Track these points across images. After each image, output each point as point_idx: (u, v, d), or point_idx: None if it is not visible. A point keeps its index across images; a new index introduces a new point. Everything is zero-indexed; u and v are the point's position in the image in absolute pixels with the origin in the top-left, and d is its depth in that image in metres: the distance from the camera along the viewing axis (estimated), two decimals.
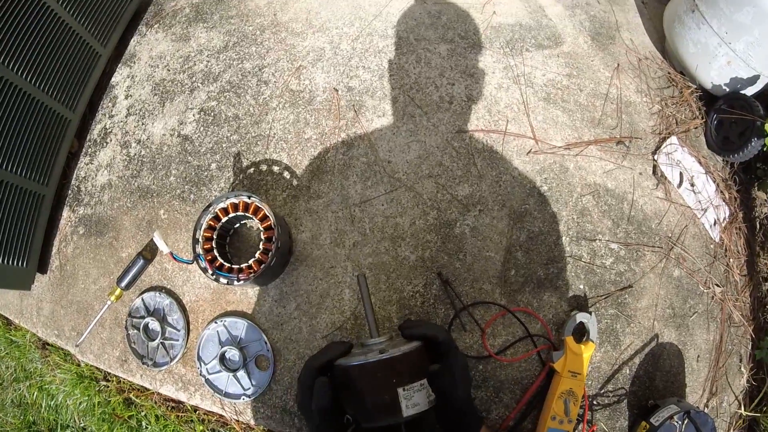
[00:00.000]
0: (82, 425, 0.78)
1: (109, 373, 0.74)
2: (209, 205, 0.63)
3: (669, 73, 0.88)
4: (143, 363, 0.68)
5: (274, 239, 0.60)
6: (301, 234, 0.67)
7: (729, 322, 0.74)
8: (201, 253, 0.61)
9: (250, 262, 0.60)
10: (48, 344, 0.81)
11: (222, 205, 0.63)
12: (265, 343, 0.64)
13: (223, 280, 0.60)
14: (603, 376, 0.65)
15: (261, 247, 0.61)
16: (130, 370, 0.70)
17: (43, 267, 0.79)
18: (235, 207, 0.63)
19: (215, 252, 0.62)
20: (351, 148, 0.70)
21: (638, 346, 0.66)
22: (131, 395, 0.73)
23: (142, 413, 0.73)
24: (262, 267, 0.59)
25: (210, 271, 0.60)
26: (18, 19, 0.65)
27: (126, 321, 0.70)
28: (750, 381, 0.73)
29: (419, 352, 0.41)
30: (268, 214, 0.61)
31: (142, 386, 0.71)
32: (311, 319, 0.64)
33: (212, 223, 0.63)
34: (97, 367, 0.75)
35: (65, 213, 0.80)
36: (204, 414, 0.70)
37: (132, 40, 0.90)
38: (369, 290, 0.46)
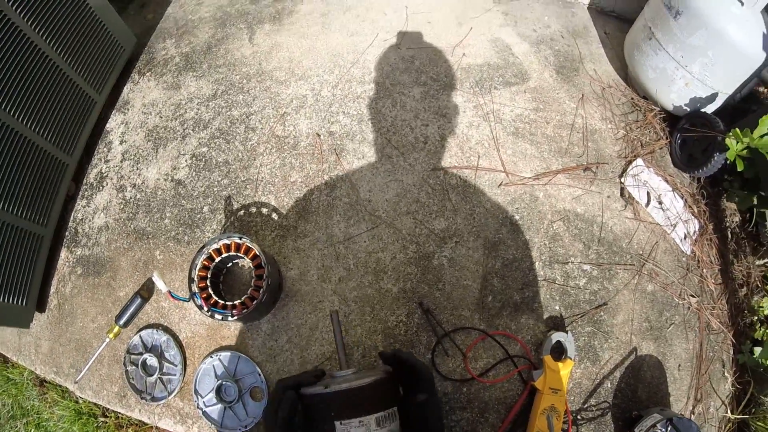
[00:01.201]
0: None
1: (108, 409, 0.84)
2: (203, 246, 0.75)
3: (632, 98, 1.03)
4: (142, 398, 0.78)
5: (264, 277, 0.72)
6: (290, 271, 0.79)
7: (708, 330, 0.85)
8: (197, 291, 0.73)
9: (243, 298, 0.72)
10: (46, 381, 0.90)
11: (215, 246, 0.75)
12: (259, 375, 0.74)
13: (218, 317, 0.71)
14: (585, 391, 0.75)
15: (252, 284, 0.73)
16: (128, 405, 0.80)
17: (41, 306, 0.90)
18: (228, 247, 0.75)
19: (210, 290, 0.73)
20: (334, 189, 0.84)
21: (617, 360, 0.77)
22: (130, 430, 0.82)
23: None
24: (254, 303, 0.71)
25: (205, 308, 0.72)
26: (17, 67, 0.79)
27: (124, 358, 0.80)
28: (735, 385, 0.83)
29: (372, 387, 0.43)
30: (258, 253, 0.73)
31: (140, 421, 0.80)
32: (302, 351, 0.75)
33: (206, 263, 0.75)
34: (95, 404, 0.84)
35: (63, 254, 0.92)
36: None
37: (125, 87, 1.06)
38: (341, 326, 0.54)
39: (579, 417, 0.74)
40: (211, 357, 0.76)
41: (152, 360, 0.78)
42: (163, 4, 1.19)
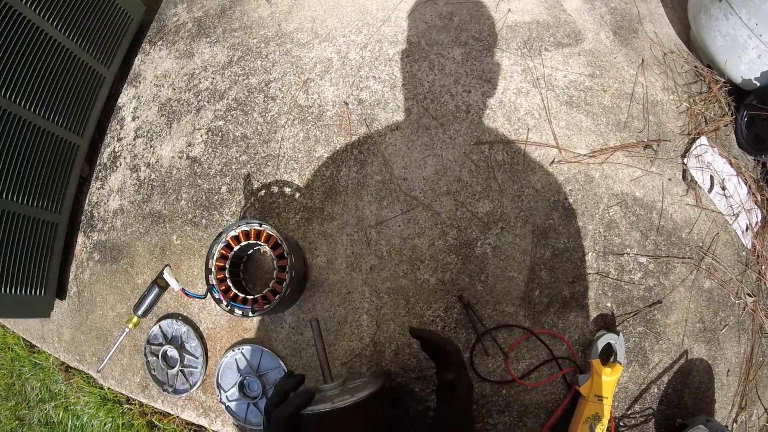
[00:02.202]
0: None
1: (131, 399, 0.69)
2: (220, 234, 0.55)
3: (695, 66, 0.74)
4: (164, 390, 0.63)
5: (287, 269, 0.52)
6: (316, 258, 0.59)
7: (760, 333, 0.64)
8: (214, 284, 0.54)
9: (265, 292, 0.53)
10: (71, 367, 0.77)
11: (233, 233, 0.55)
12: (284, 371, 0.57)
13: (237, 312, 0.53)
14: (630, 396, 0.57)
15: (275, 276, 0.53)
16: (151, 396, 0.65)
17: (61, 293, 0.74)
18: (247, 235, 0.55)
19: (229, 282, 0.54)
20: (364, 166, 0.61)
21: (667, 364, 0.58)
22: (153, 419, 0.69)
23: None
24: (276, 297, 0.52)
25: (224, 303, 0.53)
26: (16, 49, 0.57)
27: (145, 348, 0.64)
28: None
29: (362, 405, 0.37)
30: (280, 242, 0.53)
31: (164, 411, 0.66)
32: (329, 346, 0.57)
33: (224, 252, 0.55)
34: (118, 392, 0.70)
35: (80, 239, 0.74)
36: None
37: (136, 59, 0.81)
38: (322, 335, 0.42)
39: (621, 424, 0.56)
40: (233, 350, 0.59)
41: (173, 352, 0.61)
42: None
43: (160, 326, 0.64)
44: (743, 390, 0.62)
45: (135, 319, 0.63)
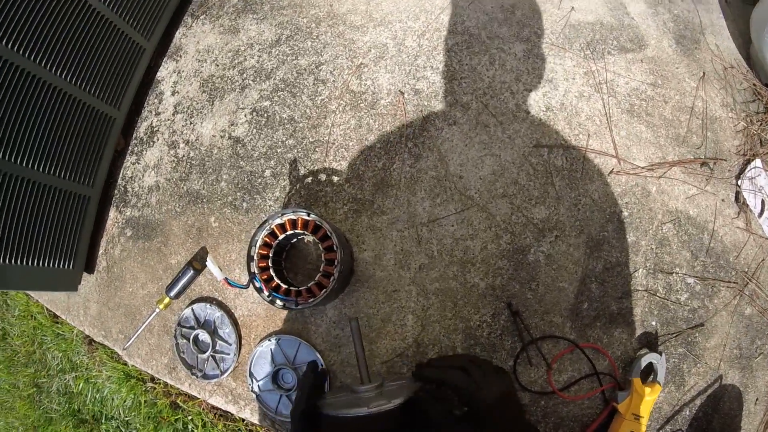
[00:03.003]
0: (126, 419, 0.66)
1: (155, 378, 0.62)
2: (266, 221, 0.45)
3: (754, 84, 0.63)
4: (192, 373, 0.54)
5: (336, 263, 0.43)
6: (363, 253, 0.50)
7: None
8: (256, 272, 0.45)
9: (310, 285, 0.44)
10: (95, 341, 0.68)
11: (279, 221, 0.46)
12: (321, 365, 0.49)
13: (279, 303, 0.44)
14: (663, 417, 0.49)
15: (321, 269, 0.44)
16: (178, 378, 0.57)
17: (90, 266, 0.64)
18: (293, 224, 0.46)
19: (271, 271, 0.45)
20: (419, 160, 0.51)
21: (701, 388, 0.50)
22: (178, 400, 0.61)
23: (189, 417, 0.61)
24: (322, 292, 0.43)
25: (266, 293, 0.44)
26: (54, 16, 0.46)
27: (175, 330, 0.55)
28: None
29: (396, 412, 0.32)
30: (329, 234, 0.44)
31: (190, 393, 0.58)
32: (371, 344, 0.49)
33: (268, 240, 0.46)
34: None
35: (112, 213, 0.64)
36: (253, 425, 0.57)
37: (177, 32, 0.68)
38: (361, 335, 0.37)
39: None
40: (269, 340, 0.51)
41: (205, 336, 0.53)
42: None
43: (192, 309, 0.55)
44: (767, 421, 0.55)
45: (166, 300, 0.54)
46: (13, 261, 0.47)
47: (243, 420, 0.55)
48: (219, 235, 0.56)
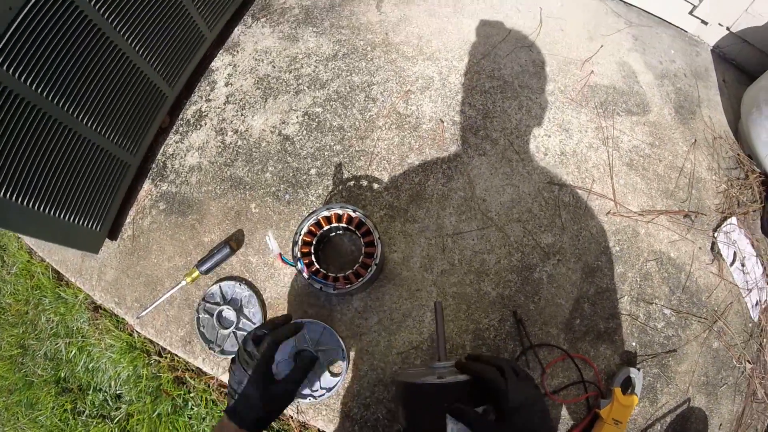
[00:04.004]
0: (118, 392, 0.87)
1: (165, 350, 0.85)
2: (313, 212, 0.75)
3: (738, 154, 1.04)
4: (210, 347, 0.79)
5: (375, 255, 0.73)
6: (393, 253, 0.81)
7: (753, 398, 0.90)
8: (299, 256, 0.73)
9: (348, 273, 0.73)
10: (100, 308, 0.91)
11: (326, 213, 0.76)
12: (342, 350, 0.77)
13: (317, 286, 0.72)
14: (638, 428, 0.80)
15: (360, 261, 0.74)
16: (192, 352, 0.82)
17: (113, 234, 0.90)
18: (339, 218, 0.76)
19: (312, 257, 0.74)
20: (450, 180, 0.84)
21: (672, 406, 0.82)
22: (186, 375, 0.85)
23: (191, 394, 0.84)
24: (359, 280, 0.72)
25: (306, 275, 0.73)
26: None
27: (198, 304, 0.81)
28: None
29: (464, 385, 0.48)
30: (371, 230, 0.74)
31: (198, 369, 0.82)
32: (390, 335, 0.77)
33: (313, 229, 0.76)
34: (151, 341, 0.86)
35: (146, 186, 0.91)
36: None
37: (236, 29, 1.02)
38: (444, 317, 0.56)
39: None
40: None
41: (229, 313, 0.80)
42: None
43: (220, 286, 0.82)
44: None
45: (196, 273, 0.80)
46: (44, 210, 0.71)
47: None
48: (258, 220, 0.85)
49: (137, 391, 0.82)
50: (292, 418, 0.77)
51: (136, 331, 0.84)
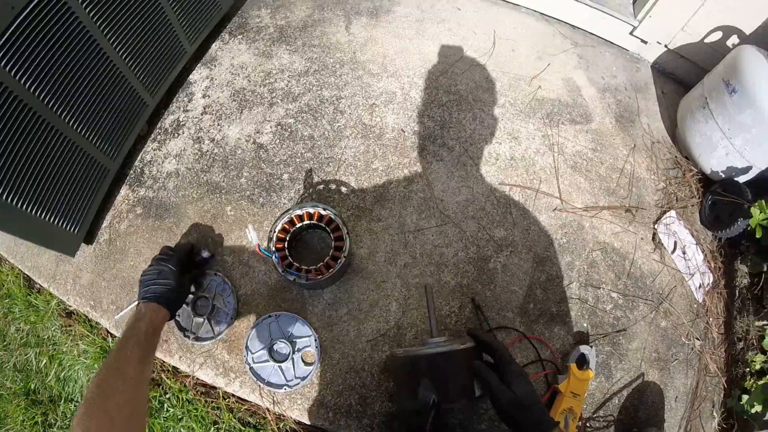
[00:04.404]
0: None
1: None
2: (287, 210, 0.95)
3: (676, 156, 1.33)
4: (185, 335, 0.95)
5: (344, 249, 0.93)
6: (360, 249, 1.01)
7: (705, 372, 1.12)
8: (274, 250, 0.93)
9: (319, 266, 0.93)
10: (73, 314, 1.05)
11: (299, 212, 0.96)
12: (315, 340, 0.95)
13: (290, 278, 0.91)
14: (596, 402, 1.00)
15: (330, 254, 0.93)
16: (168, 351, 0.97)
17: (90, 238, 1.07)
18: (311, 216, 0.96)
19: (286, 252, 0.93)
20: (411, 183, 1.07)
21: (626, 381, 1.03)
22: (162, 376, 0.99)
23: (167, 395, 0.98)
24: (329, 271, 0.92)
25: (280, 268, 0.91)
26: (125, 5, 0.95)
27: None
28: (721, 425, 1.09)
29: (471, 351, 0.73)
30: (340, 226, 0.95)
31: (175, 368, 0.97)
32: (359, 324, 0.96)
33: (287, 227, 0.96)
34: None
35: (123, 191, 1.10)
36: (234, 402, 0.97)
37: (214, 44, 1.26)
38: (434, 298, 0.78)
39: (588, 425, 0.98)
40: (270, 316, 0.96)
41: (204, 301, 0.97)
42: None
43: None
44: (689, 416, 1.07)
45: None
46: (25, 207, 0.86)
47: (225, 398, 0.95)
48: (233, 222, 1.04)
49: None
50: (268, 410, 0.92)
51: (111, 335, 0.99)
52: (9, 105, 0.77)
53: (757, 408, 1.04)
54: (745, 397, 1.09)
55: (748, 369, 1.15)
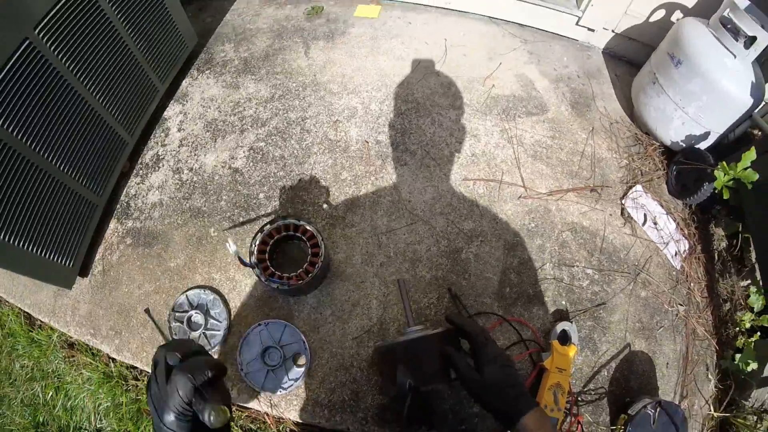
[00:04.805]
0: (98, 426, 1.07)
1: (143, 372, 1.08)
2: (264, 225, 1.05)
3: (636, 133, 1.43)
4: None
5: (320, 254, 1.02)
6: (337, 254, 1.10)
7: (694, 336, 1.18)
8: (256, 262, 1.02)
9: (299, 272, 1.02)
10: (74, 344, 1.14)
11: (275, 226, 1.06)
12: (303, 342, 1.03)
13: (274, 285, 1.00)
14: (585, 376, 1.05)
15: (308, 260, 1.03)
16: None
17: (84, 271, 1.17)
18: (287, 228, 1.06)
19: (268, 262, 1.03)
20: (379, 189, 1.17)
21: (613, 353, 1.09)
22: None
23: None
24: (309, 276, 1.01)
25: (263, 278, 1.00)
26: (100, 49, 1.10)
27: (168, 315, 1.07)
28: (717, 387, 1.14)
29: (446, 334, 0.79)
30: (315, 234, 1.04)
31: None
32: (344, 324, 1.04)
33: (266, 240, 1.05)
34: (128, 366, 1.09)
35: (112, 225, 1.21)
36: (235, 411, 1.03)
37: (184, 81, 1.40)
38: (407, 291, 0.86)
39: (579, 399, 1.04)
40: (259, 325, 1.04)
41: (198, 317, 1.06)
42: (221, 11, 1.57)
43: (186, 295, 1.09)
44: (683, 381, 1.12)
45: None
46: (21, 244, 0.97)
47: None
48: (217, 242, 1.14)
49: (117, 420, 1.02)
50: (267, 414, 0.99)
51: (115, 359, 1.07)
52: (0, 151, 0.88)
53: (753, 366, 1.09)
54: (738, 356, 1.15)
55: (738, 329, 1.21)
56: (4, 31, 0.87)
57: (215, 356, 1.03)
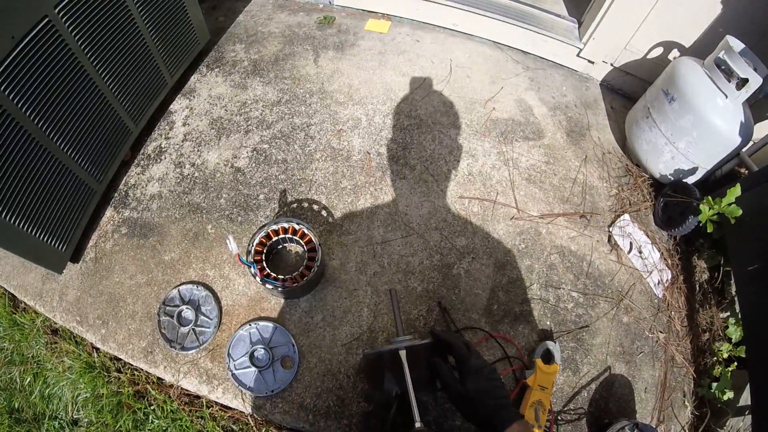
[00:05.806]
0: (75, 417, 1.13)
1: (126, 364, 1.16)
2: (263, 226, 1.17)
3: (627, 164, 1.62)
4: (171, 347, 1.12)
5: (317, 258, 1.14)
6: (332, 261, 1.22)
7: (672, 363, 1.33)
8: (253, 261, 1.13)
9: (294, 275, 1.13)
10: (58, 331, 1.21)
11: (274, 227, 1.18)
12: (293, 345, 1.13)
13: (269, 286, 1.11)
14: (566, 396, 1.18)
15: (304, 264, 1.14)
16: (153, 362, 1.14)
17: (76, 256, 1.26)
18: (285, 230, 1.18)
19: (264, 263, 1.14)
20: (377, 200, 1.31)
21: (594, 375, 1.22)
22: (148, 386, 1.14)
23: (152, 407, 1.13)
24: (304, 279, 1.12)
25: (259, 277, 1.11)
26: (117, 38, 1.22)
27: (159, 309, 1.16)
28: (694, 413, 1.28)
29: (426, 347, 0.91)
30: (312, 238, 1.16)
31: (159, 379, 1.13)
32: (334, 330, 1.15)
33: (264, 240, 1.17)
34: (112, 358, 1.16)
35: (108, 212, 1.30)
36: (218, 411, 1.12)
37: (193, 77, 1.53)
38: (399, 301, 0.98)
39: (559, 417, 1.16)
40: (250, 325, 1.15)
41: (188, 312, 1.16)
42: (234, 11, 1.72)
43: (179, 290, 1.18)
44: (660, 406, 1.26)
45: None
46: (16, 222, 1.05)
47: (211, 406, 1.10)
48: (213, 239, 1.24)
49: (96, 411, 1.09)
50: (251, 416, 1.08)
51: (96, 349, 1.15)
52: (6, 126, 0.96)
53: (729, 395, 1.23)
54: (715, 385, 1.29)
55: (715, 358, 1.37)
56: (26, 5, 0.95)
57: (204, 353, 1.13)
